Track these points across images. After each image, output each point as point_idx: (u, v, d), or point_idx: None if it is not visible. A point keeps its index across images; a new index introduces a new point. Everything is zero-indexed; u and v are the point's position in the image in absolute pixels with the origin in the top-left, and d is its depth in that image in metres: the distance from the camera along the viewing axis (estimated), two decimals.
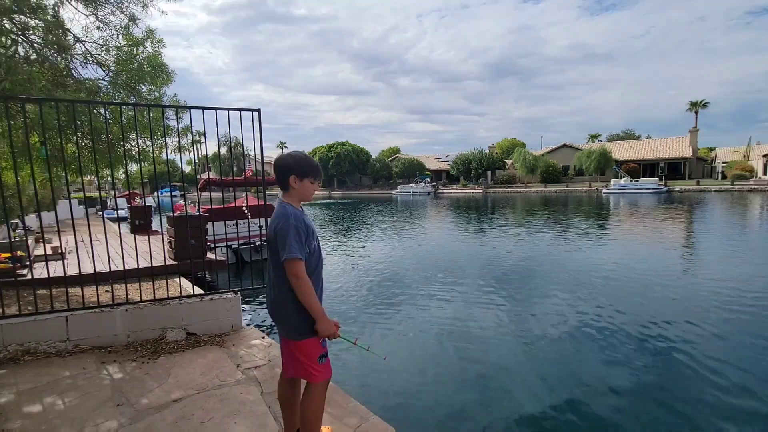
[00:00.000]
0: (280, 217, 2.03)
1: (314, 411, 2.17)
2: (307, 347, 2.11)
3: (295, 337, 2.11)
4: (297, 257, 1.97)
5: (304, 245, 2.02)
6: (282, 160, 2.13)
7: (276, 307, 2.14)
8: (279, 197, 2.18)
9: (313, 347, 2.12)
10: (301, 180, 2.10)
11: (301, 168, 2.10)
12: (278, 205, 2.12)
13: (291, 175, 2.08)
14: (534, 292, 7.73)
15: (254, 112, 4.22)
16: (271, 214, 2.17)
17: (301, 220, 2.04)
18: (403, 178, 62.44)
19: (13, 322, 3.64)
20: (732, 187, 37.24)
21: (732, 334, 5.53)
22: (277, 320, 2.18)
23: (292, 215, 2.02)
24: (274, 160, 2.19)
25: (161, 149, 6.04)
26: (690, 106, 54.15)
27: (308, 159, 2.15)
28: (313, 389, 2.17)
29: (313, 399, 2.17)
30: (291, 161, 2.11)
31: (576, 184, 48.78)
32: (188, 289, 5.07)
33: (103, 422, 2.67)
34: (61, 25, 4.98)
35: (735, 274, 8.62)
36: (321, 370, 2.15)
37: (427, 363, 4.96)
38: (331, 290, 8.20)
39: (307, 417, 2.16)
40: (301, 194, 2.13)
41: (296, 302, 2.06)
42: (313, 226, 2.18)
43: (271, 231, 2.07)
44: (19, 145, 4.90)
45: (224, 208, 10.81)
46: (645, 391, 4.18)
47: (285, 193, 2.14)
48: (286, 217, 2.02)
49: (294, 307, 2.06)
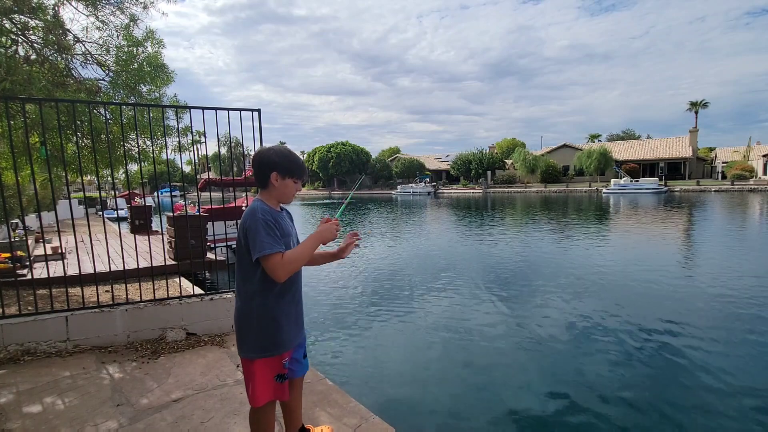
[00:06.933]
0: (247, 215, 1.85)
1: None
2: (255, 368, 1.92)
3: (247, 354, 1.92)
4: (271, 252, 1.75)
5: (280, 239, 1.82)
6: (264, 154, 1.93)
7: (238, 316, 1.94)
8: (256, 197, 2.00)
9: (265, 367, 1.93)
10: (284, 178, 1.92)
11: (285, 165, 1.92)
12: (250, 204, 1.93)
13: (273, 171, 1.90)
14: (534, 292, 7.73)
15: (254, 112, 4.23)
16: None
17: (269, 213, 1.85)
18: (403, 178, 62.45)
19: (13, 322, 3.64)
20: (732, 187, 37.23)
21: (732, 333, 5.52)
22: (237, 332, 1.96)
23: (259, 210, 1.83)
24: (253, 155, 2.01)
25: (161, 149, 6.04)
26: (690, 106, 54.24)
27: (293, 156, 1.97)
28: (251, 413, 2.02)
29: (251, 421, 2.04)
30: (275, 157, 1.91)
31: (576, 184, 48.76)
32: (188, 289, 5.07)
33: (103, 422, 2.66)
34: (61, 25, 4.98)
35: (735, 273, 8.61)
36: (263, 393, 1.94)
37: (428, 363, 4.96)
38: (331, 290, 8.20)
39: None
40: (281, 194, 1.95)
41: (261, 315, 1.89)
42: (289, 228, 2.01)
43: (241, 232, 1.86)
44: (19, 145, 4.90)
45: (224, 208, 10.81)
46: (645, 391, 4.18)
47: (263, 191, 1.96)
48: (253, 212, 1.83)
49: (258, 321, 1.90)
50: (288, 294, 1.97)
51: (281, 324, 1.93)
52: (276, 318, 1.92)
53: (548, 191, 45.31)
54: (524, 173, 52.44)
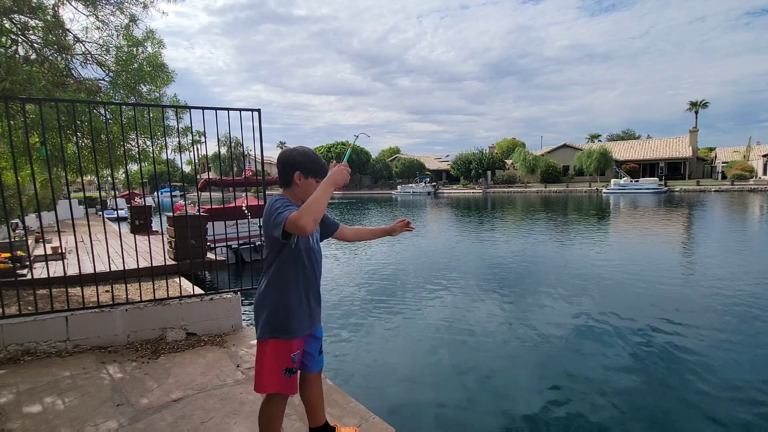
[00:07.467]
0: (267, 207, 1.92)
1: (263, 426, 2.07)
2: (267, 349, 1.99)
3: (261, 335, 2.00)
4: (288, 214, 1.74)
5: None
6: (288, 154, 2.01)
7: (256, 304, 2.05)
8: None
9: (275, 351, 1.98)
10: (306, 178, 1.98)
11: (308, 165, 1.99)
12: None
13: (297, 171, 1.97)
14: (534, 293, 7.73)
15: (254, 112, 4.22)
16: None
17: (287, 200, 1.92)
18: (403, 178, 62.44)
19: (13, 322, 3.64)
20: (732, 187, 37.24)
21: (732, 333, 5.52)
22: (255, 319, 2.06)
23: (278, 198, 1.91)
24: (278, 154, 2.09)
25: (161, 149, 6.04)
26: (690, 106, 54.25)
27: (316, 156, 2.03)
28: (263, 401, 2.07)
29: (260, 412, 2.08)
30: (299, 157, 1.99)
31: (576, 184, 48.78)
32: (188, 289, 5.06)
33: (103, 422, 2.66)
34: (61, 25, 4.98)
35: (735, 273, 8.61)
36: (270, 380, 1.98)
37: (428, 363, 4.96)
38: (331, 290, 8.20)
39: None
40: (303, 193, 1.99)
41: (274, 301, 1.97)
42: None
43: (265, 225, 1.93)
44: (19, 145, 4.90)
45: (224, 208, 10.82)
46: (645, 390, 4.18)
47: (285, 189, 2.03)
48: (272, 200, 1.90)
49: (271, 305, 1.98)
50: (300, 283, 2.02)
51: (291, 311, 1.99)
52: (287, 305, 1.99)
53: (548, 191, 45.31)
54: (524, 173, 52.45)
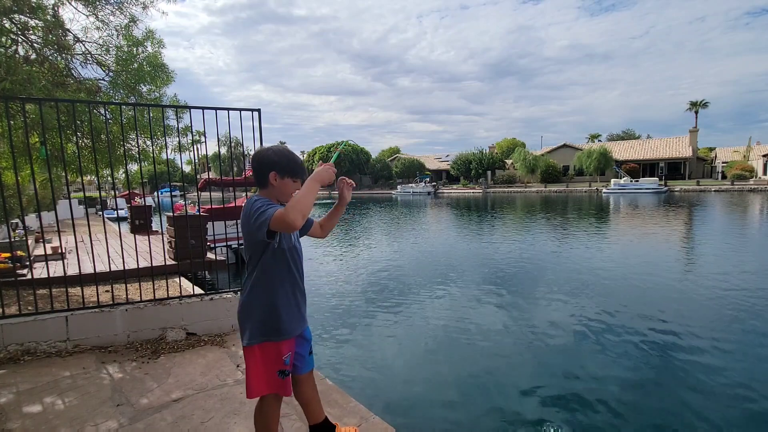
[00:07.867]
0: (244, 207, 1.87)
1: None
2: (257, 353, 1.94)
3: (249, 341, 1.94)
4: (273, 211, 1.71)
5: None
6: (262, 154, 1.96)
7: (240, 309, 1.99)
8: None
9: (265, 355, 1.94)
10: (282, 178, 1.93)
11: (284, 164, 1.93)
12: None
13: (272, 171, 1.91)
14: (534, 292, 7.73)
15: (254, 112, 4.22)
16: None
17: (265, 200, 1.86)
18: (403, 178, 62.43)
19: (13, 322, 3.64)
20: (732, 187, 37.24)
21: (732, 333, 5.53)
22: (240, 325, 2.00)
23: (256, 198, 1.86)
24: (252, 154, 2.03)
25: (161, 149, 6.04)
26: (690, 106, 54.23)
27: (292, 155, 1.98)
28: (258, 402, 2.05)
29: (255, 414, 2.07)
30: (273, 156, 1.93)
31: (576, 184, 48.76)
32: (188, 289, 5.06)
33: (103, 422, 2.66)
34: (61, 25, 4.98)
35: (735, 273, 8.61)
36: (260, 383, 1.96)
37: (428, 363, 4.96)
38: (331, 290, 8.20)
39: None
40: (280, 193, 1.94)
41: (261, 303, 1.93)
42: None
43: (243, 227, 1.89)
44: (19, 145, 4.90)
45: (224, 208, 10.81)
46: (645, 389, 4.18)
47: (262, 190, 1.98)
48: (249, 201, 1.85)
49: (259, 308, 1.93)
50: (287, 283, 1.98)
51: (280, 312, 1.95)
52: (275, 305, 1.94)
53: (548, 191, 45.31)
54: (524, 173, 52.43)
